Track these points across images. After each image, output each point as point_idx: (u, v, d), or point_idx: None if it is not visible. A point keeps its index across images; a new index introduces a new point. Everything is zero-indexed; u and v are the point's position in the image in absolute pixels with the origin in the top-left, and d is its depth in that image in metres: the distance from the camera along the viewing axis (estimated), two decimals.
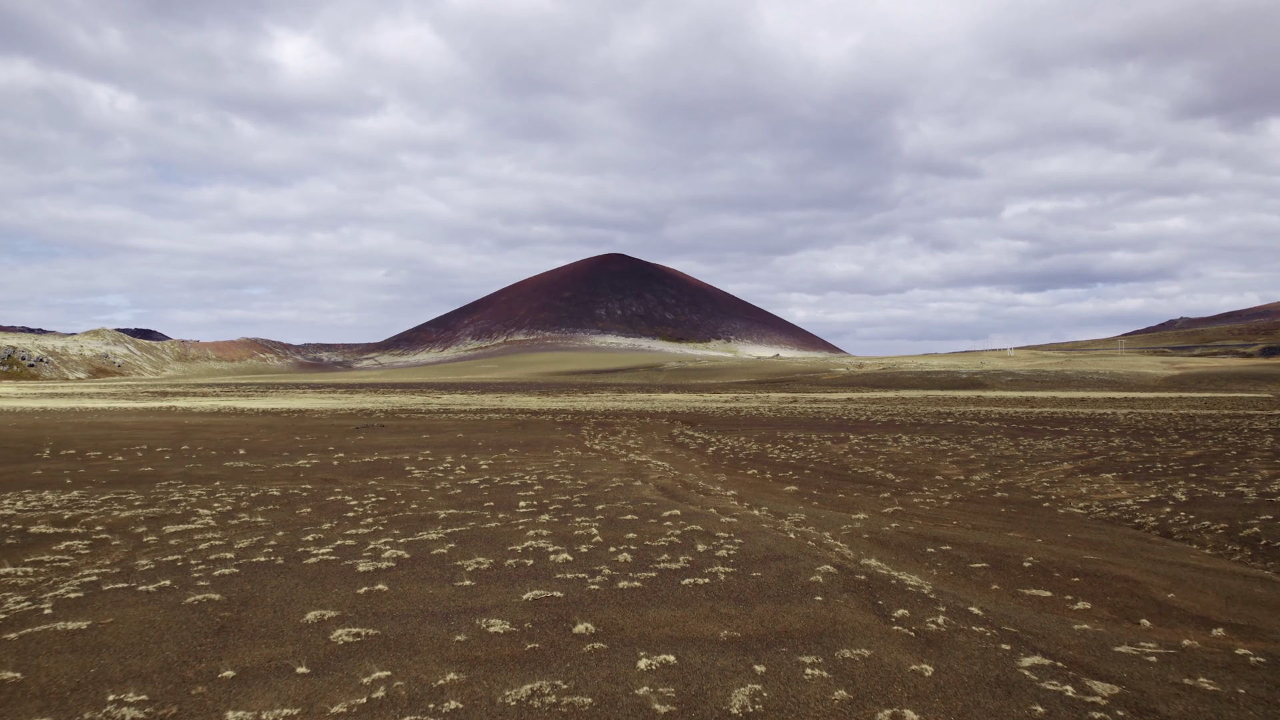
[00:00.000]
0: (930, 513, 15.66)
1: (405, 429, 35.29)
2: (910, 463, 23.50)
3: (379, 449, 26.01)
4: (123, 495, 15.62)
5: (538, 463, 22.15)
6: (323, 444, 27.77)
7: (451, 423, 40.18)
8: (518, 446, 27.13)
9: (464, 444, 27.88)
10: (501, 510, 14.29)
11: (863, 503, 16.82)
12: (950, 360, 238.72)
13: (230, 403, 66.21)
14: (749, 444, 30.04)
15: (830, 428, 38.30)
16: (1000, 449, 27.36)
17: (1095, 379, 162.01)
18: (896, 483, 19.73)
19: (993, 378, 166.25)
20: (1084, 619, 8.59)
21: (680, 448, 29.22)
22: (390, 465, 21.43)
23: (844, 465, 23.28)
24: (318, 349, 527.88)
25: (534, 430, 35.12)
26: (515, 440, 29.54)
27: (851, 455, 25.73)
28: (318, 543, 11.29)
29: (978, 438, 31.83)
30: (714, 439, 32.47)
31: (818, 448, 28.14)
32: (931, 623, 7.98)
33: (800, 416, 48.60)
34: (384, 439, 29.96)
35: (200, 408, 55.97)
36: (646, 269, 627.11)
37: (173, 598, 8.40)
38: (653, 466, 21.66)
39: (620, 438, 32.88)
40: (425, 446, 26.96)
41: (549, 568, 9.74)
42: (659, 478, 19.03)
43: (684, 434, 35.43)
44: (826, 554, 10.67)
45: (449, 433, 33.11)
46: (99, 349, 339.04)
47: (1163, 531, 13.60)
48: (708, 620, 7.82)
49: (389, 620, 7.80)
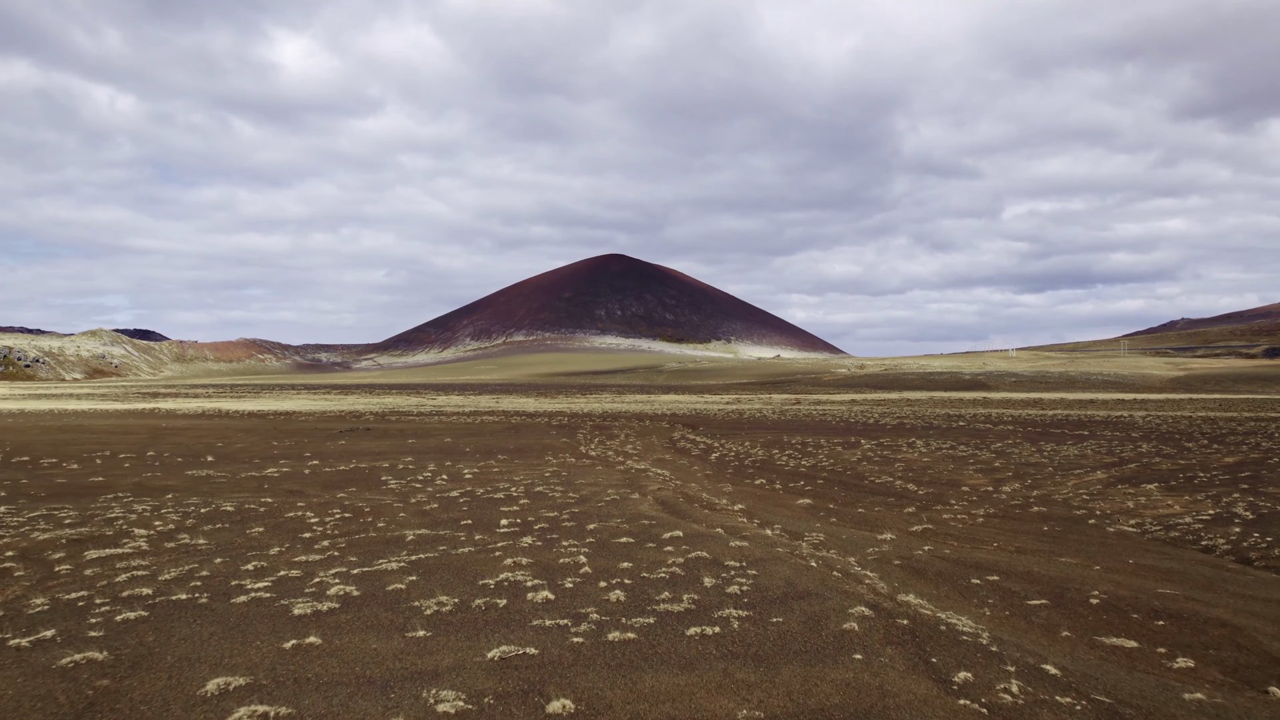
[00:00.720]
0: (965, 532, 13.95)
1: (391, 433, 33.59)
2: (931, 471, 21.79)
3: (358, 455, 24.31)
4: (55, 511, 13.90)
5: (527, 471, 20.44)
6: (300, 450, 26.07)
7: (442, 426, 38.47)
8: (507, 453, 25.43)
9: (450, 450, 26.18)
10: (479, 530, 12.60)
11: (886, 519, 15.12)
12: (952, 361, 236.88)
13: (219, 404, 64.50)
14: (754, 449, 28.34)
15: (839, 431, 36.58)
16: (1024, 455, 25.66)
17: (1100, 380, 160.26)
18: (920, 495, 18.02)
19: (996, 379, 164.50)
20: (1191, 683, 6.88)
21: (681, 454, 27.52)
22: (366, 475, 19.71)
23: (859, 474, 21.57)
24: (316, 350, 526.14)
25: (527, 434, 33.42)
26: (506, 445, 27.83)
27: (866, 462, 24.02)
28: (257, 573, 9.59)
29: (996, 442, 30.13)
30: (717, 444, 30.76)
31: (828, 454, 26.43)
32: (1004, 691, 6.28)
33: (805, 419, 46.89)
34: (366, 444, 28.26)
35: (186, 409, 54.25)
36: (646, 269, 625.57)
37: (45, 657, 6.69)
38: (652, 476, 19.96)
39: (618, 442, 31.18)
40: (408, 453, 25.26)
41: (525, 610, 8.03)
42: (658, 489, 17.33)
43: (685, 438, 33.73)
44: (856, 588, 8.97)
45: (437, 437, 31.40)
46: (96, 350, 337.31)
47: (1239, 557, 11.88)
48: (720, 692, 6.11)
49: (311, 691, 6.09)
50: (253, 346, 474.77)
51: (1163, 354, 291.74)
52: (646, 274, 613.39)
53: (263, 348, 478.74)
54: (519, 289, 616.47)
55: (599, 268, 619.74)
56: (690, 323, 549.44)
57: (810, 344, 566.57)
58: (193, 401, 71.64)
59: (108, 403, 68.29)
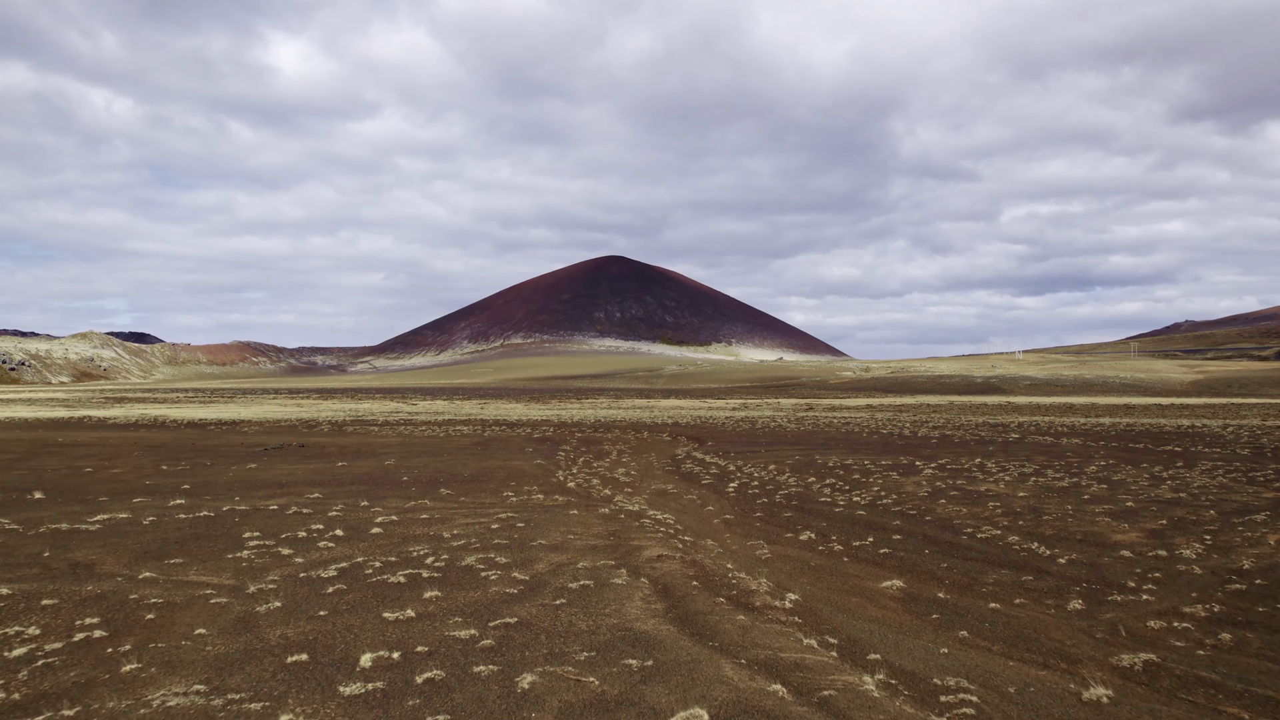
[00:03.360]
0: (1217, 666, 7.59)
1: (327, 452, 27.18)
2: (1046, 517, 15.43)
3: (254, 487, 17.92)
4: None
5: (469, 520, 14.08)
6: (188, 477, 19.70)
7: (397, 441, 32.08)
8: (458, 483, 19.05)
9: (383, 479, 19.80)
10: (306, 682, 6.28)
11: (1051, 630, 8.77)
12: (959, 364, 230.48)
13: (168, 411, 58.09)
14: (783, 475, 21.98)
15: (876, 447, 30.21)
16: (1141, 486, 19.28)
17: (1119, 384, 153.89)
18: (1065, 568, 11.65)
19: (1009, 382, 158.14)
20: None
21: (689, 481, 21.17)
22: (227, 527, 13.33)
23: (946, 522, 15.20)
24: (312, 352, 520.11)
25: (496, 452, 27.03)
26: (460, 471, 21.44)
27: (942, 499, 17.65)
28: None
29: (1086, 464, 23.73)
30: (733, 465, 24.39)
31: (883, 483, 20.07)
32: None
33: (828, 429, 40.49)
34: (282, 468, 21.87)
35: (120, 418, 47.84)
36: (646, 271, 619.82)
37: None
38: (648, 528, 13.61)
39: (608, 463, 24.82)
40: (326, 483, 18.88)
41: None
42: (659, 559, 10.98)
43: (691, 456, 27.37)
44: None
45: (378, 458, 25.01)
46: (85, 352, 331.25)
47: None
48: None
49: None
50: (247, 349, 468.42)
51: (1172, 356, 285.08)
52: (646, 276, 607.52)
53: (257, 350, 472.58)
54: (517, 291, 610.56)
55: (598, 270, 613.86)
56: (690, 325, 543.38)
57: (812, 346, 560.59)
58: (146, 408, 65.23)
59: (47, 409, 61.83)
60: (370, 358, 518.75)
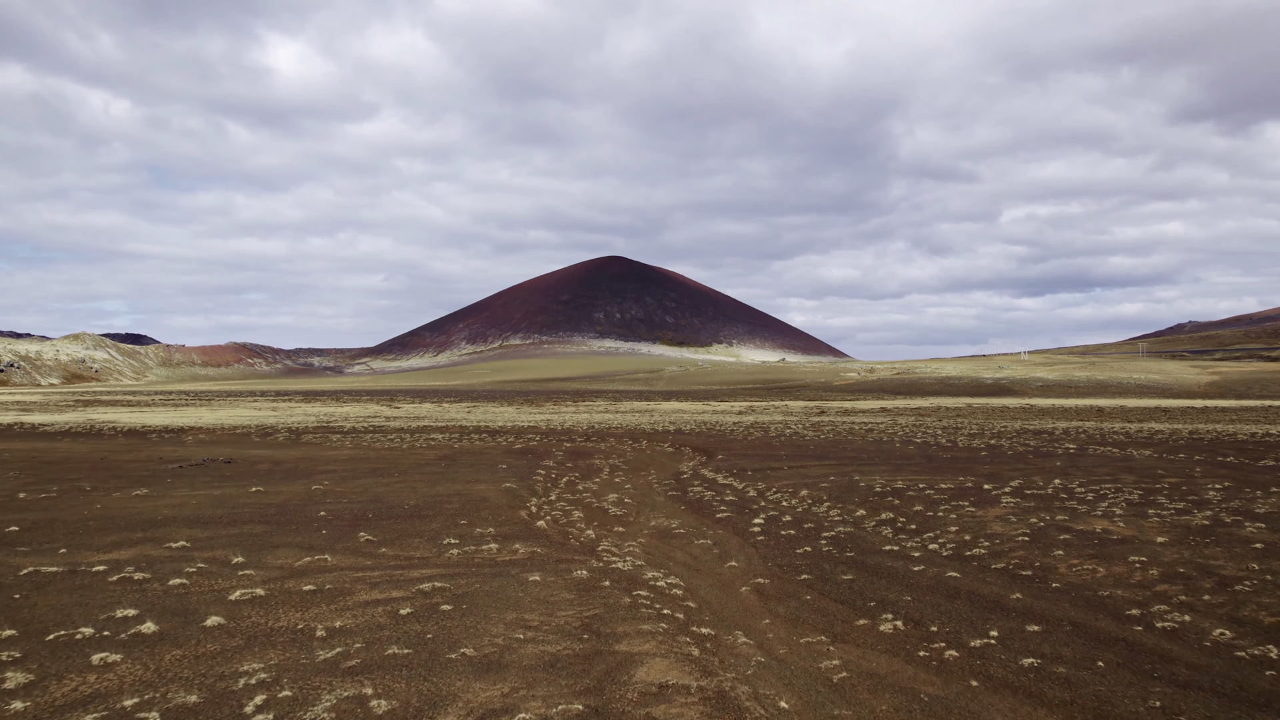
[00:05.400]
0: None
1: (254, 470, 22.29)
2: (1220, 579, 10.65)
3: (104, 531, 13.06)
4: None
5: (376, 589, 9.23)
6: (36, 509, 14.83)
7: (347, 456, 27.24)
8: (391, 521, 14.22)
9: (293, 514, 14.94)
10: None
11: None
12: (965, 365, 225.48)
13: (125, 416, 53.22)
14: (820, 505, 17.15)
15: (920, 462, 25.38)
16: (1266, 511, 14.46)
17: (1134, 385, 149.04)
18: None
19: (1021, 384, 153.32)
20: None
21: (700, 514, 16.36)
22: None
23: (1085, 593, 10.37)
24: (309, 354, 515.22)
25: (459, 470, 22.17)
26: (402, 501, 16.58)
27: (1056, 550, 12.81)
28: None
29: (1202, 488, 18.88)
30: (753, 489, 19.56)
31: (957, 517, 15.23)
32: None
33: (853, 439, 35.63)
34: (173, 496, 17.00)
35: (63, 423, 42.95)
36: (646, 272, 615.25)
37: None
38: (644, 609, 8.76)
39: (596, 485, 20.00)
40: (212, 522, 14.03)
41: None
42: (660, 692, 6.10)
43: (699, 474, 22.55)
44: None
45: (309, 480, 20.14)
46: (76, 354, 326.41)
47: None
48: None
49: None
50: (243, 351, 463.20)
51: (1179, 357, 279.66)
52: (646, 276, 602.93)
53: (253, 352, 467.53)
54: (516, 292, 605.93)
55: (597, 270, 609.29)
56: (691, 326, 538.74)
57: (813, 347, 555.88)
58: (106, 412, 60.37)
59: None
60: (367, 359, 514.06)
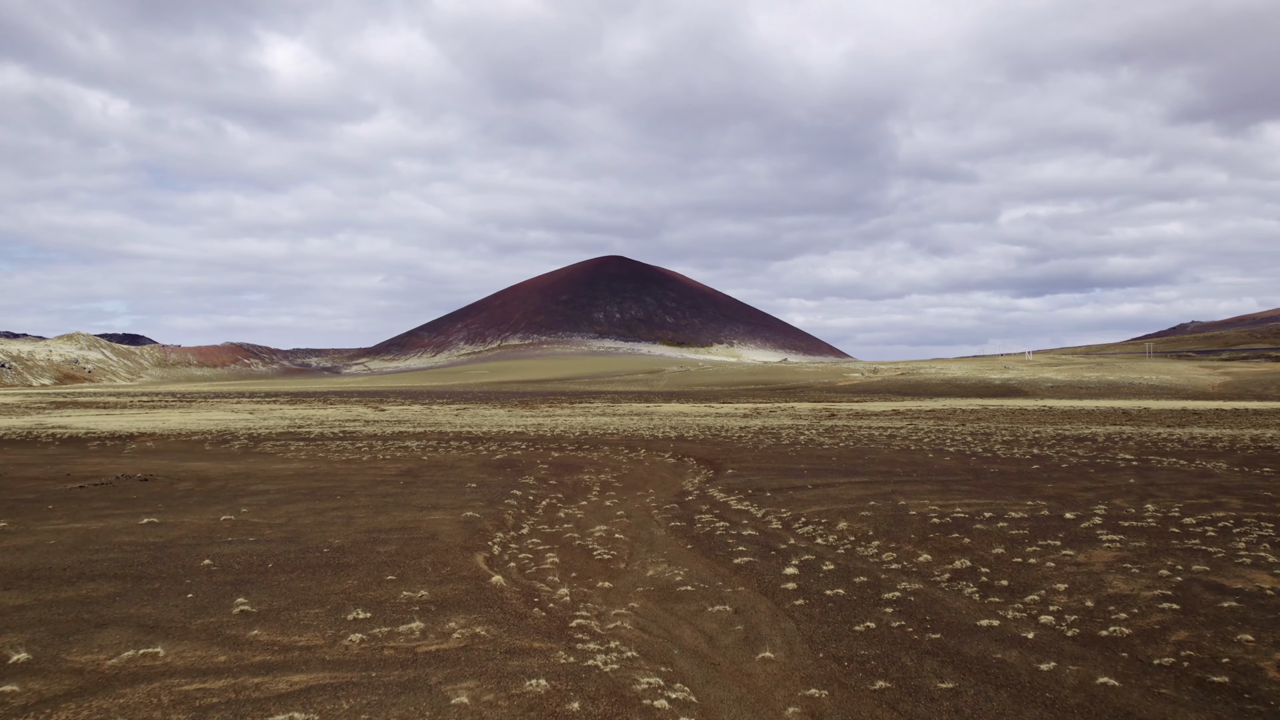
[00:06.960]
0: None
1: (171, 489, 18.49)
2: None
3: None
4: None
5: None
6: None
7: (295, 470, 23.45)
8: (296, 573, 10.46)
9: (166, 566, 11.17)
10: None
11: None
12: (970, 365, 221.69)
13: (87, 420, 49.47)
14: (867, 544, 13.39)
15: (966, 478, 21.59)
16: None
17: (1147, 386, 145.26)
18: None
19: (1030, 385, 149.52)
20: None
21: (712, 558, 12.59)
22: None
23: None
24: (307, 354, 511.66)
25: (417, 492, 18.36)
26: (327, 540, 12.81)
27: (1227, 624, 9.10)
28: None
29: None
30: (774, 517, 15.77)
31: (1052, 563, 11.49)
32: None
33: (875, 446, 31.82)
34: (31, 534, 13.25)
35: (5, 429, 39.23)
36: (646, 271, 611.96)
37: None
38: None
39: (581, 513, 16.23)
40: (44, 578, 10.29)
41: None
42: None
43: (707, 495, 18.76)
44: None
45: (230, 504, 16.35)
46: (70, 354, 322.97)
47: None
48: None
49: None
50: (239, 351, 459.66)
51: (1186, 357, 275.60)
52: (646, 276, 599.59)
53: (250, 352, 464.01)
54: (515, 292, 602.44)
55: (597, 270, 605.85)
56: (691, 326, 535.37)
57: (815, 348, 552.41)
58: (70, 415, 56.61)
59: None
60: (365, 359, 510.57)
